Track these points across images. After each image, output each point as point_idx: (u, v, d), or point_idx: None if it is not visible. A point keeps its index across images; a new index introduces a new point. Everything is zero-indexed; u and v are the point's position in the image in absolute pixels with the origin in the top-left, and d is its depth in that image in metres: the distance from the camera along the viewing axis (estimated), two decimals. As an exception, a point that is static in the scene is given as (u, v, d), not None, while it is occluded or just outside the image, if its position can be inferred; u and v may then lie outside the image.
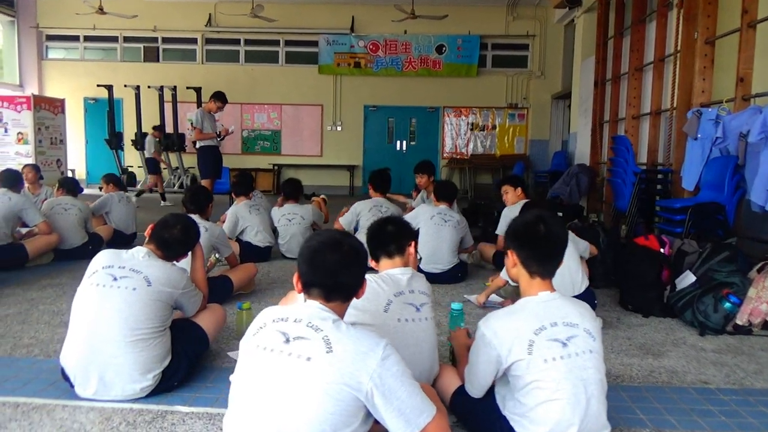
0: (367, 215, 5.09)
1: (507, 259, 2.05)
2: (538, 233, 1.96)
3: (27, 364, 2.75)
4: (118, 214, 5.90)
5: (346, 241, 1.67)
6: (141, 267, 2.44)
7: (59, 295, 4.02)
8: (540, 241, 1.96)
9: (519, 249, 1.98)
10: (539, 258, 1.96)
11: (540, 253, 1.96)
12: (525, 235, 1.98)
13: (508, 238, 2.05)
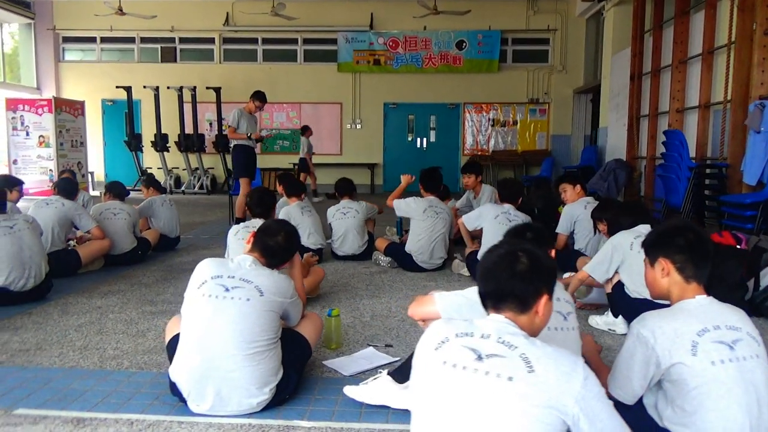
0: (422, 217, 4.98)
1: (653, 270, 1.95)
2: (693, 238, 1.89)
3: (123, 377, 2.66)
4: (162, 218, 5.81)
5: (529, 252, 1.56)
6: (251, 276, 2.35)
7: (124, 303, 3.93)
8: (695, 245, 1.88)
9: (675, 254, 1.89)
10: (696, 261, 1.87)
11: (696, 257, 1.87)
12: (681, 241, 1.89)
13: (656, 247, 1.96)
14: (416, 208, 5.02)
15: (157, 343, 3.12)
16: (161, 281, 4.58)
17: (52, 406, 2.34)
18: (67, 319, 3.54)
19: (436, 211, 5.03)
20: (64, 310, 3.75)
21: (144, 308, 3.81)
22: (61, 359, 2.87)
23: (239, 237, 3.67)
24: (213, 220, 8.46)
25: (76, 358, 2.90)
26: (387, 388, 2.33)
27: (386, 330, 3.40)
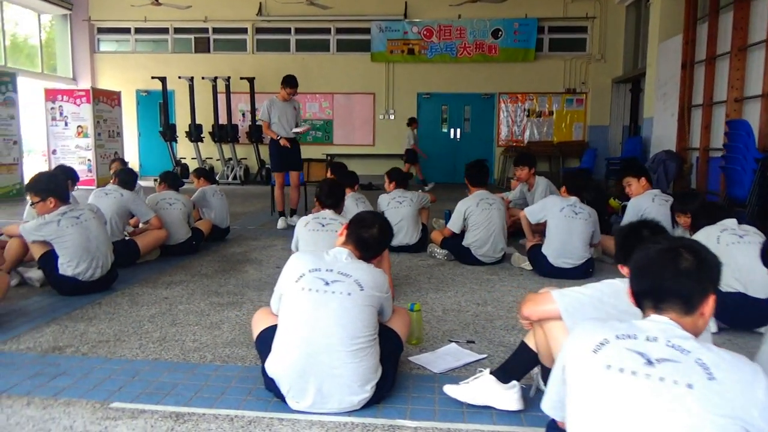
0: (477, 211, 4.87)
1: None
2: None
3: (210, 371, 2.61)
4: (214, 208, 5.79)
5: (693, 248, 1.45)
6: (349, 270, 2.28)
7: (190, 294, 3.90)
8: None
9: None
10: None
11: None
12: None
13: None
14: (470, 207, 4.89)
15: (234, 336, 3.07)
16: (220, 272, 4.54)
17: (146, 400, 2.30)
18: (138, 310, 3.52)
19: (488, 202, 4.92)
20: (132, 300, 3.73)
21: (211, 299, 3.77)
22: (143, 351, 2.84)
23: (310, 228, 3.60)
24: (253, 211, 8.44)
25: (157, 350, 2.86)
26: (491, 388, 2.25)
27: (462, 325, 3.31)
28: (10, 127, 9.31)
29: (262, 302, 3.70)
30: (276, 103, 6.75)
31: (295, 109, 6.89)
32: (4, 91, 9.17)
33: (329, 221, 3.61)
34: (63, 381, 2.47)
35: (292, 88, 6.77)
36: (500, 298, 3.88)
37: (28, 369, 2.59)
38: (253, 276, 4.43)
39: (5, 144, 9.19)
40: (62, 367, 2.62)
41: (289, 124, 6.73)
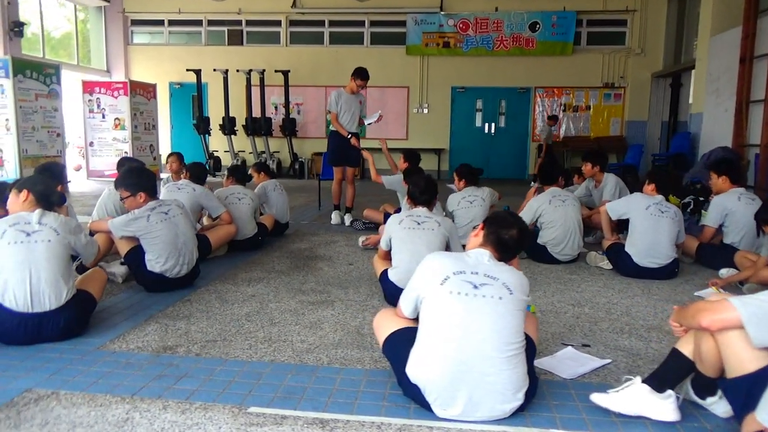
0: (550, 208, 4.76)
1: None
2: None
3: (332, 374, 2.54)
4: (275, 203, 5.72)
5: None
6: (494, 272, 2.19)
7: (275, 292, 3.83)
8: None
9: None
10: None
11: None
12: None
13: None
14: (542, 205, 4.78)
15: (340, 337, 3.00)
16: (295, 269, 4.47)
17: (283, 405, 2.23)
18: (231, 308, 3.46)
19: (561, 199, 4.82)
20: (220, 297, 3.67)
21: (299, 298, 3.70)
22: (255, 352, 2.77)
23: (405, 227, 3.50)
24: (298, 205, 8.37)
25: (268, 350, 2.79)
26: (645, 398, 2.15)
27: (567, 328, 3.21)
28: (54, 119, 9.31)
29: (351, 300, 3.64)
30: (344, 96, 6.60)
31: (360, 103, 6.75)
32: (49, 83, 9.16)
33: (425, 219, 3.52)
34: (189, 383, 2.40)
35: (363, 80, 6.60)
36: (592, 299, 3.78)
37: (148, 370, 2.53)
38: (329, 273, 4.36)
39: (49, 136, 9.19)
40: (182, 368, 2.56)
41: (354, 118, 6.63)
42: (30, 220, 2.79)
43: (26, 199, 2.85)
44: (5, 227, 2.71)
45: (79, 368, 2.53)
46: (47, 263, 2.75)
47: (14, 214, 2.78)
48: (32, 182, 2.92)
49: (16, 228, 2.73)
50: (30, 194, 2.85)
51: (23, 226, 2.76)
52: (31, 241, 2.73)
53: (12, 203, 2.88)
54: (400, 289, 3.39)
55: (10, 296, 2.69)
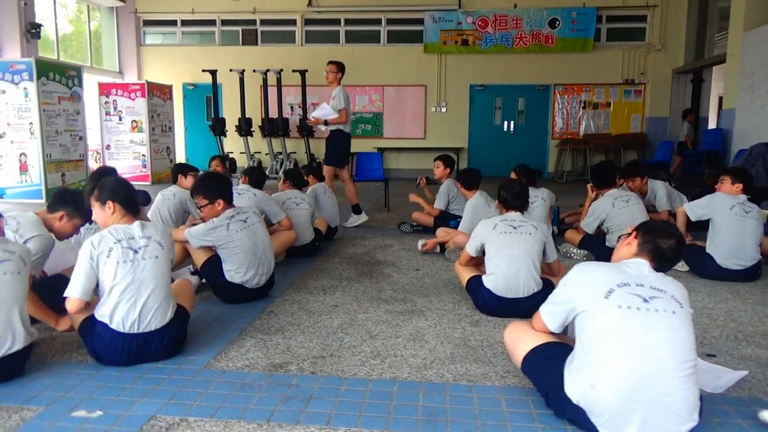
0: (614, 211, 4.63)
1: None
2: None
3: (464, 392, 2.39)
4: (326, 207, 5.56)
5: None
6: (660, 284, 2.06)
7: (357, 301, 3.68)
8: None
9: None
10: None
11: None
12: None
13: None
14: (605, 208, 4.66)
15: (451, 350, 2.85)
16: (364, 276, 4.32)
17: (433, 429, 2.08)
18: (320, 320, 3.30)
19: (624, 200, 4.71)
20: (303, 308, 3.52)
21: (384, 307, 3.55)
22: (371, 368, 2.62)
23: (500, 231, 3.35)
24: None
25: (383, 367, 2.64)
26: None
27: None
28: (76, 122, 9.10)
29: (439, 309, 3.49)
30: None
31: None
32: (71, 86, 8.95)
33: (520, 223, 3.37)
34: (321, 406, 2.25)
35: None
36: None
37: (270, 391, 2.37)
38: (400, 280, 4.21)
39: (72, 140, 8.99)
40: (303, 388, 2.40)
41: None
42: (133, 234, 2.61)
43: (114, 211, 2.67)
44: (111, 244, 2.53)
45: (195, 391, 2.37)
46: (155, 282, 2.59)
47: (115, 227, 2.60)
48: (112, 190, 2.70)
49: (123, 245, 2.55)
50: (116, 204, 2.67)
51: (129, 242, 2.57)
52: (138, 259, 2.56)
53: (102, 217, 2.69)
54: (497, 296, 3.30)
55: (119, 318, 2.52)
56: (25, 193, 8.42)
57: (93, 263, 2.50)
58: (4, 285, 2.34)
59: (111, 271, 2.50)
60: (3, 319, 2.33)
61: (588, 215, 4.75)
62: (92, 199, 2.67)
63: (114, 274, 2.50)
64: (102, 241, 2.53)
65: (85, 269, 2.50)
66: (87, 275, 2.50)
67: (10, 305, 2.36)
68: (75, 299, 2.49)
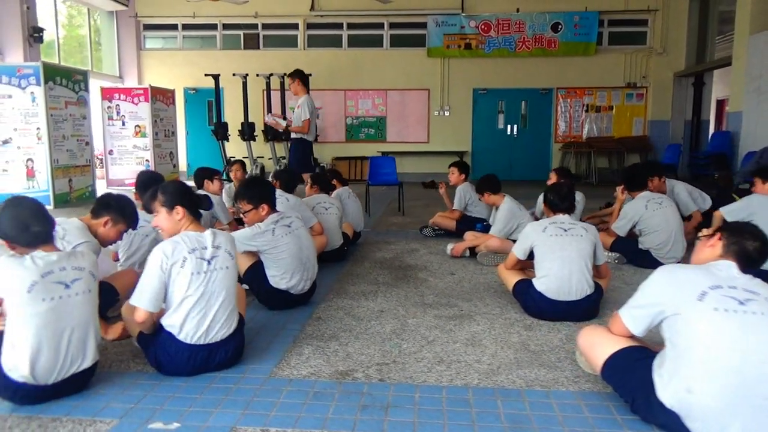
0: (647, 213, 4.62)
1: None
2: None
3: (539, 398, 2.35)
4: (350, 211, 5.51)
5: None
6: (752, 287, 2.04)
7: (402, 306, 3.62)
8: None
9: None
10: None
11: None
12: None
13: None
14: (639, 210, 4.64)
15: (514, 355, 2.81)
16: (401, 281, 4.27)
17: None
18: (371, 326, 3.24)
19: (657, 202, 4.67)
20: (350, 314, 3.46)
21: (431, 312, 3.50)
22: (440, 376, 2.57)
23: (550, 234, 3.32)
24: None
25: (452, 373, 2.59)
26: None
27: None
28: (83, 127, 8.97)
29: (487, 314, 3.45)
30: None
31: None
32: (77, 90, 8.83)
33: (570, 226, 3.35)
34: (402, 414, 2.20)
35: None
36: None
37: (345, 400, 2.32)
38: (439, 285, 4.16)
39: (78, 145, 8.85)
40: (377, 396, 2.35)
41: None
42: (205, 243, 2.54)
43: (182, 216, 2.60)
44: (185, 254, 2.45)
45: (268, 400, 2.31)
46: (225, 293, 2.53)
47: (187, 235, 2.53)
48: (180, 195, 2.64)
49: (196, 255, 2.48)
50: (184, 210, 2.60)
51: (201, 251, 2.50)
52: (210, 270, 2.49)
53: (169, 223, 2.61)
54: (549, 299, 3.26)
55: (187, 329, 2.45)
56: (31, 199, 8.26)
57: (164, 274, 2.43)
58: (78, 306, 2.26)
59: (184, 282, 2.43)
60: (78, 340, 2.26)
61: (620, 218, 4.74)
62: (157, 204, 2.59)
63: (187, 286, 2.43)
64: (176, 251, 2.45)
65: (156, 279, 2.42)
66: (157, 286, 2.42)
67: (86, 325, 2.29)
68: (143, 310, 2.42)
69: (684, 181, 5.69)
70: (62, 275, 2.24)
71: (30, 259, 2.21)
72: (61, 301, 2.21)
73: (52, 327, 2.18)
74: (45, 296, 2.17)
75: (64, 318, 2.22)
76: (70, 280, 2.26)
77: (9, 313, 2.17)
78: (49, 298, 2.18)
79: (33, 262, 2.20)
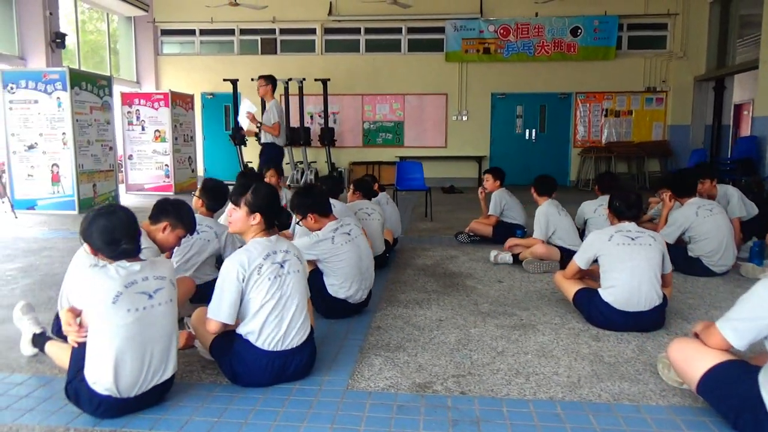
0: (698, 220, 4.53)
1: None
2: None
3: (630, 413, 2.28)
4: (389, 217, 5.41)
5: None
6: None
7: (459, 314, 3.56)
8: None
9: None
10: None
11: None
12: None
13: None
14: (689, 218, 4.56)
15: (590, 367, 2.74)
16: (450, 288, 4.20)
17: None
18: (435, 335, 3.18)
19: (708, 208, 4.59)
20: (409, 323, 3.40)
21: (491, 321, 3.43)
22: (522, 388, 2.50)
23: (617, 242, 3.24)
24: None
25: (533, 386, 2.53)
26: None
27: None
28: (107, 132, 8.94)
29: (548, 323, 3.38)
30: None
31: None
32: (102, 96, 8.80)
33: (637, 234, 3.28)
34: (496, 430, 2.13)
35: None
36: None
37: (433, 414, 2.25)
38: (489, 292, 4.09)
39: (102, 150, 8.82)
40: (463, 410, 2.28)
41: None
42: (276, 248, 2.50)
43: (258, 223, 2.55)
44: (260, 260, 2.41)
45: (353, 414, 2.25)
46: (299, 297, 2.48)
47: (258, 242, 2.48)
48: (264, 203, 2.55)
49: (270, 260, 2.44)
50: (262, 218, 2.56)
51: (273, 256, 2.47)
52: (284, 274, 2.45)
53: (242, 223, 2.55)
54: (617, 310, 3.19)
55: (265, 335, 2.40)
56: (57, 204, 8.24)
57: (242, 284, 2.39)
58: (161, 316, 2.21)
59: (263, 288, 2.39)
60: (161, 350, 2.21)
61: (669, 224, 4.66)
62: (242, 202, 2.55)
63: (266, 291, 2.39)
64: (251, 259, 2.41)
65: (234, 291, 2.38)
66: (235, 298, 2.38)
67: (168, 336, 2.24)
68: (218, 323, 2.38)
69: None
70: (145, 285, 2.19)
71: (114, 269, 2.16)
72: (145, 311, 2.16)
73: (136, 338, 2.13)
74: (130, 307, 2.12)
75: (148, 329, 2.17)
76: (153, 290, 2.21)
77: (92, 325, 2.12)
78: (133, 308, 2.13)
79: (117, 272, 2.15)
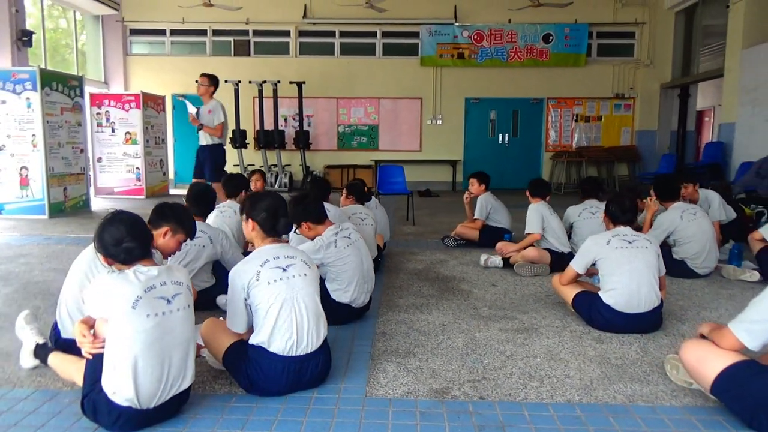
0: (683, 224, 4.66)
1: None
2: None
3: (646, 413, 2.33)
4: (379, 221, 5.38)
5: None
6: None
7: (460, 319, 3.57)
8: None
9: None
10: None
11: None
12: None
13: None
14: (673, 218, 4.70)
15: (599, 369, 2.79)
16: (445, 293, 4.22)
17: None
18: (441, 340, 3.18)
19: (691, 212, 4.74)
20: (413, 328, 3.39)
21: (494, 325, 3.46)
22: (538, 392, 2.52)
23: (614, 246, 3.31)
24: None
25: (549, 389, 2.55)
26: None
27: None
28: (78, 134, 8.66)
29: (549, 326, 3.43)
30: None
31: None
32: (73, 96, 8.53)
33: (633, 237, 3.35)
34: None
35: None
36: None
37: (458, 420, 2.25)
38: (485, 296, 4.12)
39: (73, 152, 8.54)
40: (487, 416, 2.29)
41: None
42: (278, 254, 2.51)
43: (252, 229, 2.59)
44: (257, 268, 2.42)
45: (378, 422, 2.23)
46: (309, 298, 2.47)
47: (260, 251, 2.50)
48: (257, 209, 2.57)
49: (269, 266, 2.45)
50: (255, 224, 2.57)
51: (274, 261, 2.46)
52: (288, 276, 2.44)
53: (244, 229, 2.65)
54: (618, 312, 3.26)
55: (278, 339, 2.37)
56: (25, 208, 7.93)
57: (244, 292, 2.42)
58: (179, 322, 2.16)
59: (264, 293, 2.40)
60: (180, 358, 2.15)
61: (654, 228, 4.78)
62: (245, 215, 2.62)
63: (268, 296, 2.40)
64: (247, 269, 2.46)
65: (241, 301, 2.45)
66: (243, 307, 2.45)
67: (187, 343, 2.18)
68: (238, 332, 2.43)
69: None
70: (163, 290, 2.13)
71: (133, 274, 2.09)
72: (164, 317, 2.10)
73: (156, 345, 2.07)
74: (149, 312, 2.06)
75: (168, 335, 2.11)
76: (171, 295, 2.15)
77: (110, 333, 2.04)
78: (153, 314, 2.07)
79: (136, 277, 2.08)
